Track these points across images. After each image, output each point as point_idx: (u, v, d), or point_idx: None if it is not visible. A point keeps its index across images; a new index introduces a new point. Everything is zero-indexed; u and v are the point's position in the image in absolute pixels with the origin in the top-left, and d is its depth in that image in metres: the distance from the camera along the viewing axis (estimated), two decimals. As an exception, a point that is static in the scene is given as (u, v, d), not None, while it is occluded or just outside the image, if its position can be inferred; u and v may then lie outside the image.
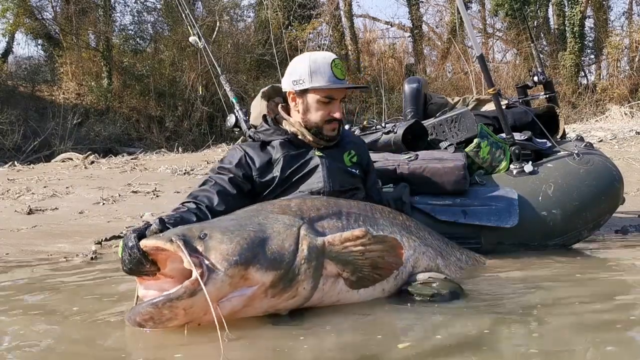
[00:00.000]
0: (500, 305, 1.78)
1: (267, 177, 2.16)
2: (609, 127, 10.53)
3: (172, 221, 1.78)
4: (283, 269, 1.61)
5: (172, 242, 1.52)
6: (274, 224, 1.69)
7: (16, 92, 12.60)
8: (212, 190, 2.06)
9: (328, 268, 1.70)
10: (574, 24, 14.88)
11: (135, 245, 1.57)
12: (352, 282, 1.73)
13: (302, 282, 1.64)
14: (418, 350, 1.38)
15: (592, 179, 2.77)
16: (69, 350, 1.48)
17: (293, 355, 1.42)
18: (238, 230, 1.62)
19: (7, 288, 2.29)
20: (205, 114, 12.56)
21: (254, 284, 1.57)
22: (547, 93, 3.58)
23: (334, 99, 2.18)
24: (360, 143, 2.45)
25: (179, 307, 1.47)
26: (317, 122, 2.19)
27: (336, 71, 2.15)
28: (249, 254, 1.56)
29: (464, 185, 2.65)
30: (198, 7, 14.26)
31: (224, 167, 2.17)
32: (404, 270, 1.89)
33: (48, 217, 4.36)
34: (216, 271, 1.51)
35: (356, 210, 1.94)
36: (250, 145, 2.25)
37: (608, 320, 1.59)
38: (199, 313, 1.50)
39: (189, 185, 5.49)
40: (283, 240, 1.65)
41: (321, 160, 2.20)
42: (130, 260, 1.57)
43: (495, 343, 1.44)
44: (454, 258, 2.23)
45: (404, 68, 14.93)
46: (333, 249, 1.68)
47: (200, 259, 1.52)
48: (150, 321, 1.50)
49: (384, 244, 1.72)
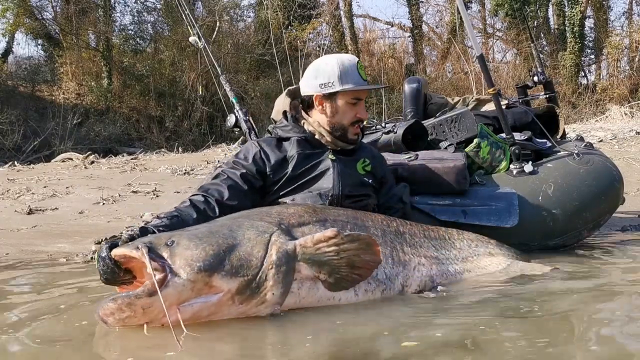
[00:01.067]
0: (501, 304, 1.78)
1: (281, 174, 2.18)
2: (609, 127, 10.53)
3: (168, 218, 1.84)
4: (250, 276, 1.61)
5: (138, 249, 1.57)
6: (246, 231, 1.70)
7: (16, 92, 12.61)
8: (224, 184, 2.07)
9: (303, 272, 1.68)
10: (574, 24, 14.88)
11: (107, 256, 1.62)
12: (330, 284, 1.71)
13: (271, 288, 1.63)
14: (422, 348, 1.38)
15: (592, 179, 2.77)
16: (68, 351, 1.48)
17: (297, 351, 1.42)
18: (206, 237, 1.65)
19: (7, 288, 2.29)
20: (205, 114, 12.57)
21: (219, 291, 1.59)
22: (547, 93, 3.58)
23: (360, 99, 2.24)
24: (378, 156, 2.44)
25: (138, 305, 1.52)
26: (345, 124, 2.23)
27: (362, 73, 2.22)
28: (214, 261, 1.59)
29: (464, 185, 2.65)
30: (198, 7, 14.27)
31: (239, 161, 2.18)
32: (392, 286, 1.88)
33: (48, 217, 4.36)
34: (178, 276, 1.55)
35: (344, 218, 1.93)
36: (267, 141, 2.27)
37: (608, 321, 1.59)
38: (157, 314, 1.54)
39: (189, 185, 5.49)
40: (252, 247, 1.65)
41: (333, 163, 2.21)
42: (104, 270, 1.63)
43: (496, 343, 1.44)
44: (454, 252, 2.16)
45: (404, 68, 14.93)
46: (306, 251, 1.67)
47: (164, 264, 1.56)
48: (111, 316, 1.54)
49: (358, 242, 1.69)
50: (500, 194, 2.65)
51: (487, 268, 2.17)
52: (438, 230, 2.23)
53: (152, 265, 1.53)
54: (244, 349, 1.50)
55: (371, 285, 1.83)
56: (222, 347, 1.52)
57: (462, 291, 1.95)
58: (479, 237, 2.30)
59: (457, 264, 2.13)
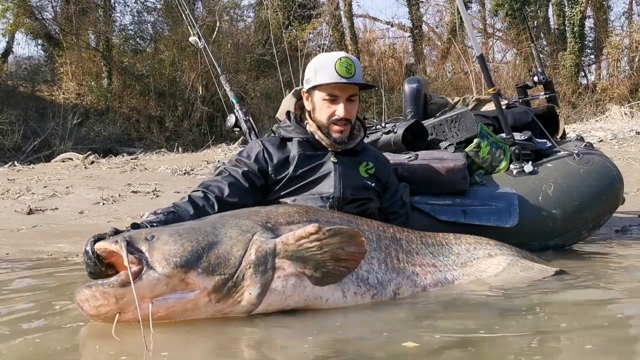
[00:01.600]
0: (501, 303, 1.78)
1: (282, 173, 2.17)
2: (609, 127, 10.52)
3: (165, 214, 1.87)
4: (227, 275, 1.61)
5: (117, 242, 1.59)
6: (229, 229, 1.70)
7: (16, 92, 12.61)
8: (224, 181, 2.08)
9: (287, 269, 1.67)
10: (574, 24, 14.88)
11: (91, 249, 1.64)
12: (317, 279, 1.69)
13: (248, 288, 1.63)
14: (424, 349, 1.38)
15: (592, 179, 2.77)
16: (67, 350, 1.48)
17: (295, 352, 1.42)
18: (187, 234, 1.65)
19: (6, 288, 2.29)
20: (205, 114, 12.57)
21: (195, 288, 1.59)
22: (547, 93, 3.58)
23: (337, 96, 2.15)
24: (382, 159, 2.40)
25: (111, 294, 1.54)
26: (323, 121, 2.18)
27: (340, 69, 2.11)
28: (191, 258, 1.59)
29: (464, 185, 2.65)
30: (198, 7, 14.27)
31: (241, 159, 2.18)
32: (383, 291, 1.85)
33: (48, 217, 4.36)
34: (153, 269, 1.57)
35: (337, 220, 1.91)
36: (271, 140, 2.26)
37: (609, 321, 1.59)
38: (129, 305, 1.55)
39: (189, 185, 5.49)
40: (232, 246, 1.65)
41: (335, 166, 2.19)
42: (87, 264, 1.65)
43: (497, 342, 1.44)
44: (452, 258, 2.11)
45: (404, 68, 14.93)
46: (288, 249, 1.66)
47: (141, 258, 1.58)
48: (85, 303, 1.57)
49: (341, 236, 1.67)
50: (500, 194, 2.66)
51: (486, 271, 2.12)
52: (435, 237, 2.17)
53: (129, 258, 1.56)
54: (244, 349, 1.50)
55: (361, 288, 1.80)
56: (220, 349, 1.52)
57: (462, 292, 1.95)
58: (478, 240, 2.25)
59: (455, 270, 2.07)
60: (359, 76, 2.16)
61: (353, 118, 2.21)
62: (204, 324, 1.61)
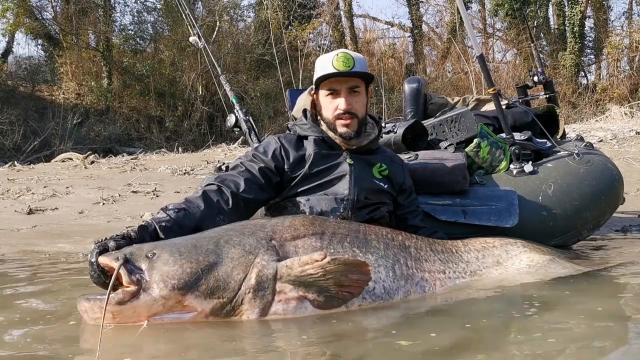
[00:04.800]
0: (501, 303, 1.78)
1: (298, 171, 2.15)
2: (609, 127, 10.52)
3: (175, 211, 1.85)
4: (225, 298, 1.61)
5: (117, 260, 1.61)
6: (232, 249, 1.68)
7: (16, 92, 12.62)
8: (241, 176, 2.06)
9: (288, 293, 1.66)
10: (574, 24, 14.88)
11: (95, 262, 1.65)
12: (320, 303, 1.68)
13: (246, 312, 1.63)
14: (421, 348, 1.38)
15: (592, 179, 2.76)
16: (64, 351, 1.48)
17: (292, 351, 1.42)
18: (188, 253, 1.64)
19: (6, 288, 2.29)
20: (205, 114, 12.58)
21: (193, 310, 1.60)
22: (547, 93, 3.58)
23: (337, 89, 2.16)
24: (397, 160, 2.38)
25: (108, 310, 1.56)
26: (329, 118, 2.18)
27: (337, 63, 2.12)
28: (189, 280, 1.59)
29: (464, 185, 2.64)
30: (198, 7, 14.27)
31: (258, 155, 2.16)
32: (390, 300, 1.82)
33: (48, 217, 4.36)
34: (150, 290, 1.58)
35: (344, 231, 1.88)
36: (288, 137, 2.24)
37: (609, 321, 1.59)
38: (127, 320, 1.59)
39: (189, 185, 5.50)
40: (232, 268, 1.64)
41: (350, 168, 2.17)
42: (92, 275, 1.67)
43: (498, 342, 1.44)
44: (462, 266, 2.07)
45: (404, 68, 14.94)
46: (292, 273, 1.65)
47: (139, 278, 1.60)
48: (85, 313, 1.62)
49: (346, 265, 1.66)
50: (500, 193, 2.65)
51: (496, 276, 2.08)
52: (444, 244, 2.14)
53: (127, 278, 1.58)
54: (243, 349, 1.50)
55: (366, 300, 1.77)
56: (217, 349, 1.52)
57: (461, 293, 1.94)
58: (485, 244, 2.20)
59: (464, 278, 2.04)
60: (359, 69, 2.16)
61: (358, 111, 2.19)
62: (201, 324, 1.61)
